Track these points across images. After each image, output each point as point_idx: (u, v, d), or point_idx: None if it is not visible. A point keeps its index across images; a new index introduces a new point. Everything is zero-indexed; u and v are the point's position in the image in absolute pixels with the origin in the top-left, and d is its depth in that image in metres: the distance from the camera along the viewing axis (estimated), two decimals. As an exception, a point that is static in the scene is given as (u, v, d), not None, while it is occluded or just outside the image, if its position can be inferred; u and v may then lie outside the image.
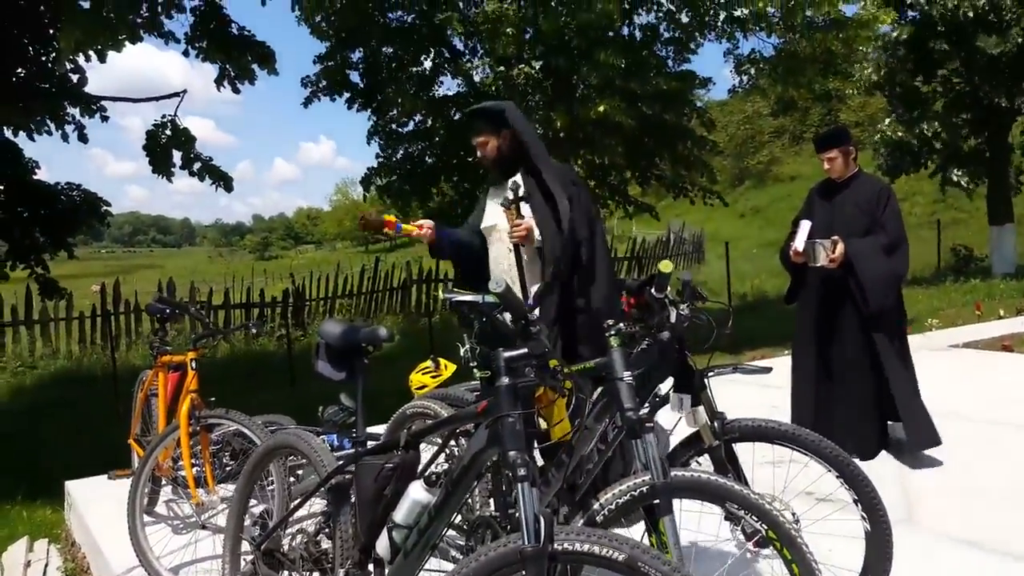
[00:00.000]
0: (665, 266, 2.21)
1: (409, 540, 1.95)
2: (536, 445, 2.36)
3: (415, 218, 3.53)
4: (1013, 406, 5.11)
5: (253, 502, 2.76)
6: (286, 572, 2.43)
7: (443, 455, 2.16)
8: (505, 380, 1.79)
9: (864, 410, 4.11)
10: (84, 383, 10.09)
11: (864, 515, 2.25)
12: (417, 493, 1.98)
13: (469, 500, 2.39)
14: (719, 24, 9.38)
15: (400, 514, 1.99)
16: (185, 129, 8.83)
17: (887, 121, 15.75)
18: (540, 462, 2.37)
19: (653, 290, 2.26)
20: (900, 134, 15.05)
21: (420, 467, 2.10)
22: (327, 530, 2.36)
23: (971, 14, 13.22)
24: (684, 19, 9.31)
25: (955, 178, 15.51)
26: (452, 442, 2.40)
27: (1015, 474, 3.80)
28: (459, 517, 2.35)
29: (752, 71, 9.90)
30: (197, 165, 8.91)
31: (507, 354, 1.82)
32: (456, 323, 2.26)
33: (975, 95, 14.71)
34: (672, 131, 9.32)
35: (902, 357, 4.14)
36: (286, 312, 12.84)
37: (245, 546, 2.63)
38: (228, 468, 3.77)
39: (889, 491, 3.13)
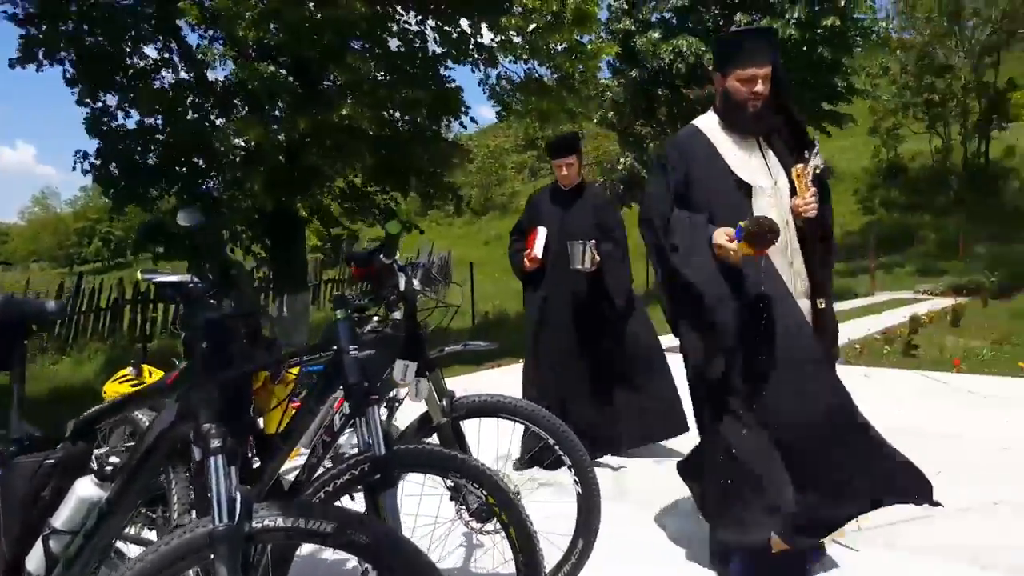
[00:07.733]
0: (393, 227, 2.06)
1: (72, 546, 1.57)
2: (251, 443, 2.06)
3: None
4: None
5: None
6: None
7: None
8: (203, 344, 1.52)
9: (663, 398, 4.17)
10: None
11: (576, 479, 2.33)
12: (85, 489, 1.63)
13: (175, 503, 2.03)
14: (470, 51, 9.57)
15: (61, 518, 1.62)
16: None
17: (628, 159, 18.42)
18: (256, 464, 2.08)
19: (382, 256, 2.10)
20: (636, 170, 17.74)
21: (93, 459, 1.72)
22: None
23: (683, 68, 15.31)
24: (434, 43, 9.40)
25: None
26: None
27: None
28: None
29: (506, 94, 10.26)
30: None
31: (210, 315, 1.54)
32: (180, 347, 1.88)
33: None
34: (423, 144, 9.17)
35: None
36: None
37: None
38: None
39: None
